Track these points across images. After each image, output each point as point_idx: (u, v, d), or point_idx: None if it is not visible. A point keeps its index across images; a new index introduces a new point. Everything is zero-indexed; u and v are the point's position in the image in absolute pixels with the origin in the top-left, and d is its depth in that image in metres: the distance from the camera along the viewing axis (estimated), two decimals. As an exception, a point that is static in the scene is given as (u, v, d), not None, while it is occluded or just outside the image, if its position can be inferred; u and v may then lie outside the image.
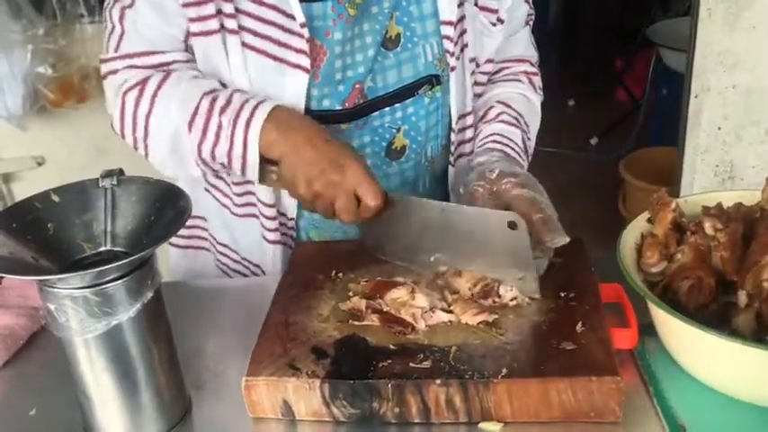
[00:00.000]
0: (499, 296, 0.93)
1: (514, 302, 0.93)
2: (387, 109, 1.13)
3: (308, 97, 1.08)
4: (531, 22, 1.26)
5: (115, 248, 0.86)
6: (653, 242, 0.93)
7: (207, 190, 1.24)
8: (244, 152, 1.00)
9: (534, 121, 1.25)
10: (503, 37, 1.19)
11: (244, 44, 1.04)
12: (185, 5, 1.01)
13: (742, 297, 0.83)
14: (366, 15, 1.08)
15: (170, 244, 1.36)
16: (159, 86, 1.04)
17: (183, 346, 0.90)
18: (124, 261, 0.76)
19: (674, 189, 2.44)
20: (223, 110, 1.01)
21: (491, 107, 1.21)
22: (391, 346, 0.87)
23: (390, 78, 1.12)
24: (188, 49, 1.07)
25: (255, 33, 1.04)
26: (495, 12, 1.15)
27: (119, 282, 0.77)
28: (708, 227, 0.92)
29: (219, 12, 1.02)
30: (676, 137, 2.34)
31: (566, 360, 0.82)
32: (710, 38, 2.07)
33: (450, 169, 1.24)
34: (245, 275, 1.26)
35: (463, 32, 1.14)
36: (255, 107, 1.00)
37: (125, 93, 1.05)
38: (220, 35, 1.03)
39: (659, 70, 3.30)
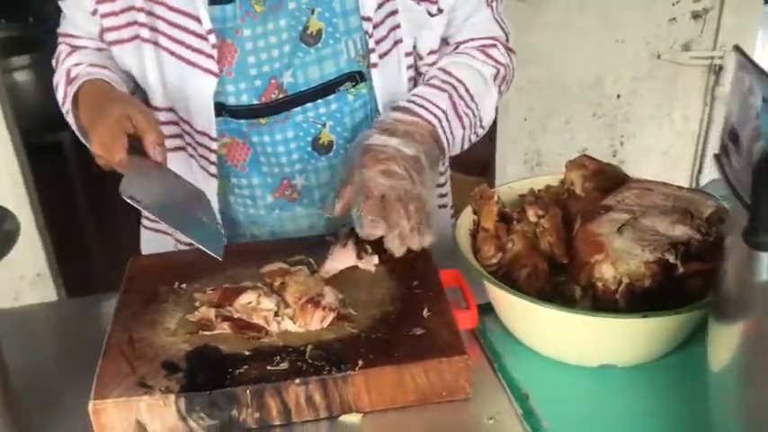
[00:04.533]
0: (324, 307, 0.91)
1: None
2: (309, 104, 1.14)
3: (225, 93, 1.12)
4: (497, 2, 1.22)
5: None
6: (486, 236, 0.98)
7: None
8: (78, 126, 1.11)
9: (484, 91, 1.19)
10: (445, 26, 1.17)
11: (161, 48, 1.10)
12: (102, 16, 1.11)
13: (577, 292, 0.90)
14: (282, 11, 1.09)
15: (141, 225, 1.32)
16: (63, 61, 1.18)
17: (21, 377, 0.83)
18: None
19: (487, 178, 2.62)
20: (70, 82, 1.12)
21: (429, 75, 1.18)
22: (246, 352, 0.86)
23: (312, 74, 1.12)
24: (103, 40, 1.16)
25: (171, 38, 1.09)
26: (435, 2, 1.13)
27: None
28: (531, 214, 1.00)
29: (135, 21, 1.09)
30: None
31: (416, 345, 0.85)
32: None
33: None
34: None
35: (395, 27, 1.14)
36: (80, 84, 1.09)
37: (53, 60, 1.22)
38: (135, 42, 1.10)
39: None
